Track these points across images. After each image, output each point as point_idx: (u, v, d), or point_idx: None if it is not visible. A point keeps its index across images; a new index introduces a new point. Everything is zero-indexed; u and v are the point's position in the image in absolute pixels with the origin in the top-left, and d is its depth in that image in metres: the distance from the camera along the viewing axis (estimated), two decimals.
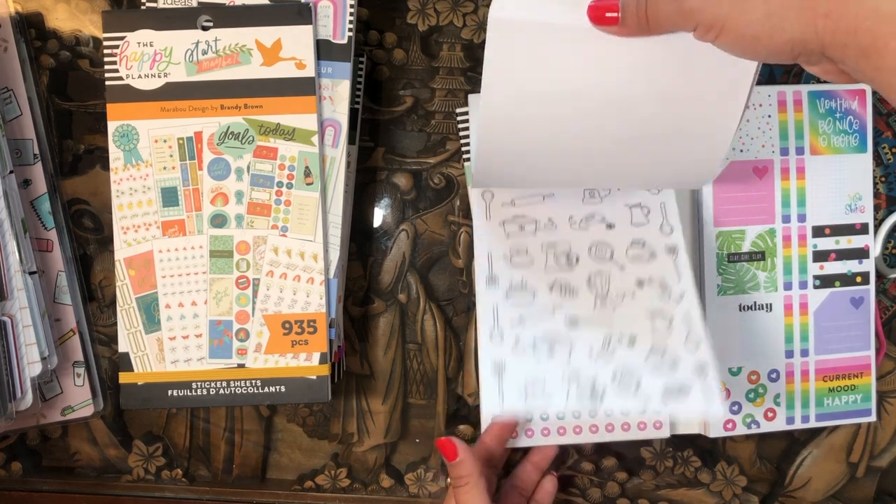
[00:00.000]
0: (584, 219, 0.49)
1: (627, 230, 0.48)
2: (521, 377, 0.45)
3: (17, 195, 0.49)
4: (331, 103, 0.49)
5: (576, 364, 0.45)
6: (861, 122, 0.52)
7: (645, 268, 0.47)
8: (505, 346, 0.46)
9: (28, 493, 0.56)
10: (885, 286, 0.55)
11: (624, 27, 0.33)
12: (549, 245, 0.48)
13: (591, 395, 0.44)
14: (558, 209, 0.49)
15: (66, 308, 0.52)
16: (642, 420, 0.50)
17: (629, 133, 0.38)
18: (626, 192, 0.49)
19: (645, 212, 0.49)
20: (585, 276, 0.48)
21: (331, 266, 0.49)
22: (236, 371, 0.48)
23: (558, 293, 0.47)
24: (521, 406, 0.44)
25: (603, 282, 0.48)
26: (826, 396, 0.53)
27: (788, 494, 0.56)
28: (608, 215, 0.49)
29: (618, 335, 0.46)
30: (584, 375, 0.45)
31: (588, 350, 0.45)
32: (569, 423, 0.50)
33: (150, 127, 0.48)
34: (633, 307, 0.47)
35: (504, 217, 0.49)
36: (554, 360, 0.45)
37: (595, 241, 0.48)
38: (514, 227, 0.49)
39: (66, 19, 0.54)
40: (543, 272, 0.47)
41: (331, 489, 0.56)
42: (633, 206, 0.49)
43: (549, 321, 0.46)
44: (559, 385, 0.44)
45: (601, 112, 0.37)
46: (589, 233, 0.49)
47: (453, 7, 0.53)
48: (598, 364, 0.45)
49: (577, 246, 0.48)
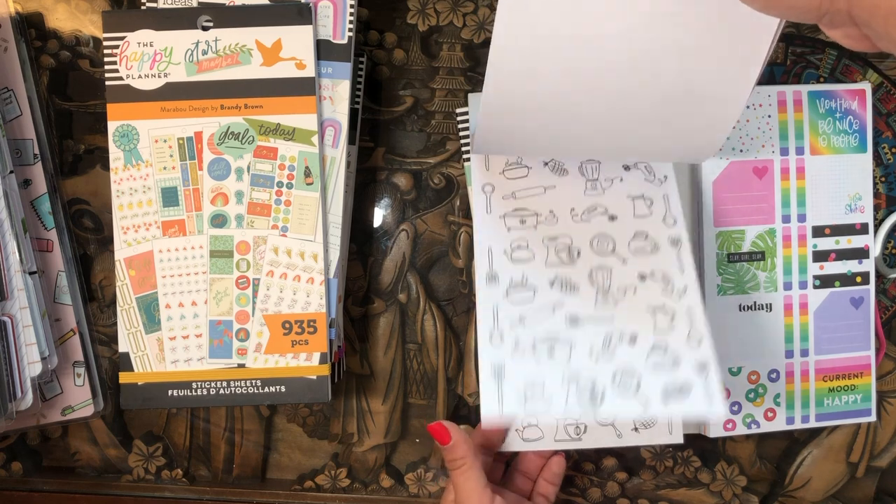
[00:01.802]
0: (586, 211, 0.48)
1: (630, 222, 0.47)
2: (521, 380, 0.44)
3: (17, 195, 0.49)
4: (331, 103, 0.49)
5: (576, 365, 0.45)
6: (861, 122, 0.52)
7: (647, 261, 0.47)
8: (504, 347, 0.45)
9: (28, 493, 0.56)
10: (884, 286, 0.55)
11: None
12: (550, 239, 0.48)
13: (591, 398, 0.44)
14: (560, 201, 0.48)
15: (66, 308, 0.52)
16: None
17: (641, 90, 0.37)
18: (629, 183, 0.48)
19: (648, 203, 0.48)
20: (587, 270, 0.47)
21: (331, 266, 0.49)
22: (236, 371, 0.48)
23: (559, 289, 0.47)
24: (521, 411, 0.44)
25: (604, 276, 0.47)
26: (826, 396, 0.53)
27: (788, 494, 0.56)
28: (610, 207, 0.48)
29: (619, 333, 0.45)
30: (584, 377, 0.44)
31: (588, 350, 0.45)
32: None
33: (150, 127, 0.48)
34: (635, 302, 0.46)
35: (505, 210, 0.48)
36: (554, 361, 0.45)
37: (597, 234, 0.48)
38: (515, 221, 0.48)
39: (66, 19, 0.54)
40: (544, 267, 0.47)
41: (331, 489, 0.56)
42: (635, 197, 0.48)
43: (550, 320, 0.46)
44: (559, 387, 0.44)
45: (615, 65, 0.36)
46: (591, 225, 0.48)
47: (453, 7, 0.53)
48: (598, 364, 0.45)
49: (579, 239, 0.48)
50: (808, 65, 0.53)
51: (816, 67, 0.53)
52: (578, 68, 0.36)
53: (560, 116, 0.39)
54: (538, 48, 0.35)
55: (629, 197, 0.48)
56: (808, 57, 0.53)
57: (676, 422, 0.50)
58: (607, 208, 0.48)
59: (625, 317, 0.45)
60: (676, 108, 0.38)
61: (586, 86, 0.37)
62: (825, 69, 0.53)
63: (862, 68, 0.53)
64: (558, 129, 0.40)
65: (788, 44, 0.53)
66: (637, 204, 0.48)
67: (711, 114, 0.38)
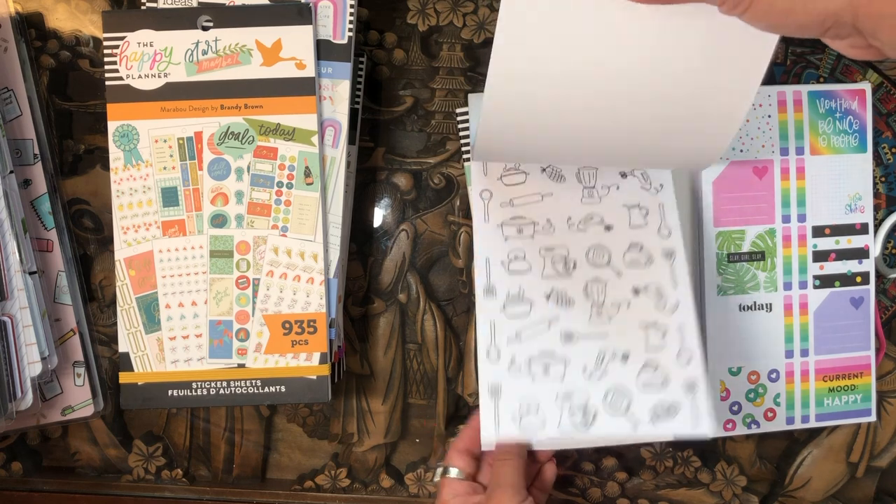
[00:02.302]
0: (583, 220, 0.48)
1: (625, 232, 0.48)
2: (516, 400, 0.45)
3: (17, 195, 0.49)
4: (331, 103, 0.49)
5: (569, 384, 0.46)
6: (861, 122, 0.52)
7: (642, 274, 0.47)
8: (501, 364, 0.46)
9: (28, 493, 0.56)
10: (884, 286, 0.55)
11: None
12: (546, 249, 0.48)
13: (583, 418, 0.45)
14: (557, 209, 0.48)
15: (66, 308, 0.52)
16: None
17: (642, 100, 0.37)
18: (625, 192, 0.49)
19: (643, 213, 0.49)
20: (582, 283, 0.47)
21: (331, 266, 0.49)
22: (236, 371, 0.48)
23: (555, 303, 0.47)
24: (515, 431, 0.45)
25: (599, 290, 0.47)
26: (826, 396, 0.53)
27: (788, 494, 0.56)
28: (607, 216, 0.48)
29: (611, 351, 0.46)
30: (577, 396, 0.46)
31: (582, 368, 0.46)
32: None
33: (150, 127, 0.48)
34: (628, 317, 0.47)
35: (502, 218, 0.49)
36: (548, 379, 0.46)
37: (593, 245, 0.48)
38: (513, 230, 0.48)
39: (66, 19, 0.54)
40: (541, 279, 0.47)
41: (331, 489, 0.56)
42: (631, 206, 0.49)
43: (545, 336, 0.47)
44: (552, 407, 0.45)
45: (614, 82, 0.36)
46: (587, 235, 0.48)
47: (453, 7, 0.53)
48: (590, 383, 0.46)
49: (575, 250, 0.48)
50: (808, 65, 0.53)
51: (816, 67, 0.53)
52: (579, 80, 0.36)
53: (561, 126, 0.39)
54: (539, 59, 0.35)
55: (625, 206, 0.49)
56: (808, 57, 0.53)
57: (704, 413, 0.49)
58: (603, 217, 0.48)
59: (618, 333, 0.46)
60: (678, 117, 0.38)
61: (587, 97, 0.37)
62: (825, 69, 0.53)
63: (862, 68, 0.53)
64: (559, 138, 0.41)
65: (788, 44, 0.53)
66: (633, 213, 0.48)
67: (713, 123, 0.38)
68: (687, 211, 0.51)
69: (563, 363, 0.46)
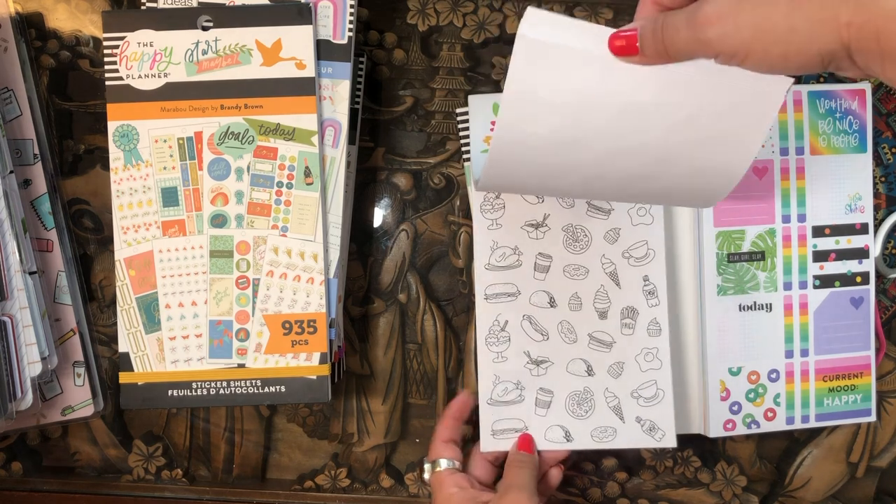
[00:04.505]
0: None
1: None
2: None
3: (17, 195, 0.49)
4: (331, 103, 0.49)
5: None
6: (861, 122, 0.52)
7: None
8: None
9: (28, 493, 0.56)
10: (884, 286, 0.55)
11: (644, 56, 0.33)
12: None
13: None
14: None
15: (66, 308, 0.52)
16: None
17: (647, 154, 0.37)
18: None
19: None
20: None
21: (331, 266, 0.49)
22: (236, 371, 0.48)
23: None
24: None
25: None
26: (826, 396, 0.53)
27: (788, 494, 0.56)
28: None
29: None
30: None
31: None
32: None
33: (150, 127, 0.48)
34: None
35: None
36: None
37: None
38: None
39: (66, 19, 0.54)
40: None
41: (331, 489, 0.56)
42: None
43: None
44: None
45: (621, 133, 0.36)
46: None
47: (453, 7, 0.53)
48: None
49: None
50: None
51: None
52: (584, 135, 0.37)
53: (567, 173, 0.40)
54: (544, 120, 0.36)
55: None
56: None
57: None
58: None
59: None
60: (684, 166, 0.38)
61: (592, 151, 0.37)
62: None
63: None
64: (565, 183, 0.41)
65: None
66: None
67: (720, 168, 0.38)
68: (687, 211, 0.51)
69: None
